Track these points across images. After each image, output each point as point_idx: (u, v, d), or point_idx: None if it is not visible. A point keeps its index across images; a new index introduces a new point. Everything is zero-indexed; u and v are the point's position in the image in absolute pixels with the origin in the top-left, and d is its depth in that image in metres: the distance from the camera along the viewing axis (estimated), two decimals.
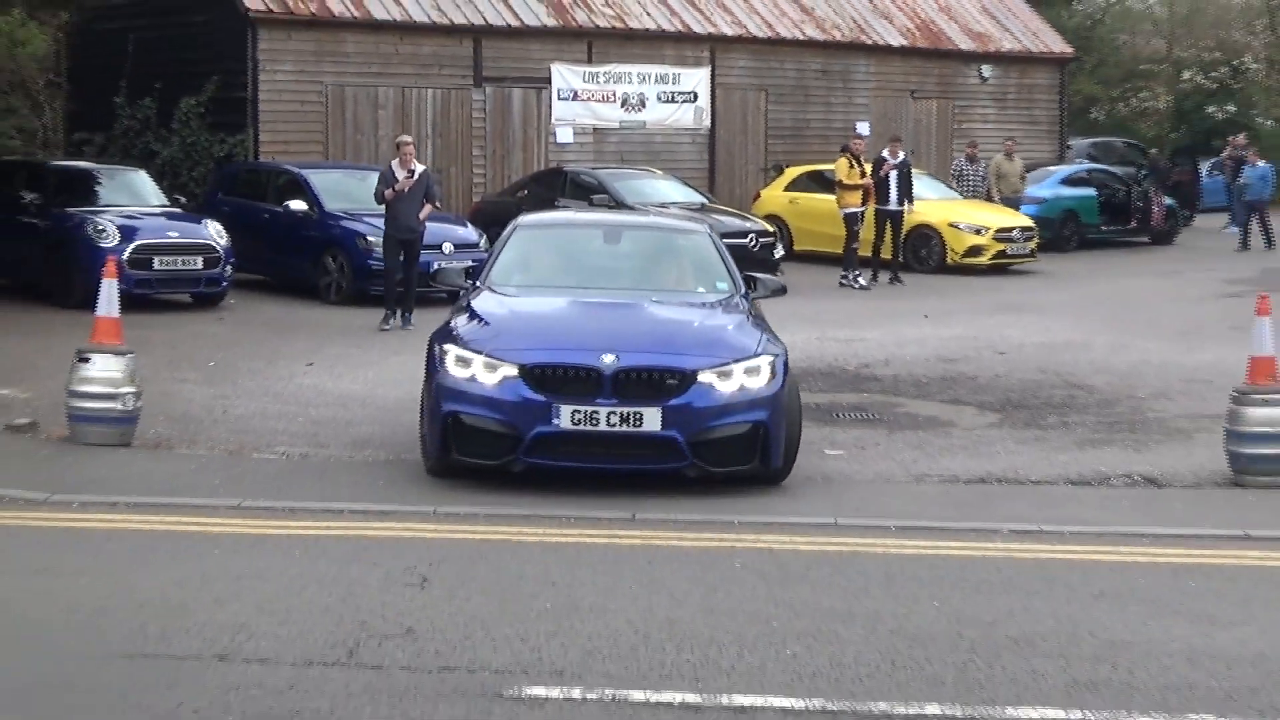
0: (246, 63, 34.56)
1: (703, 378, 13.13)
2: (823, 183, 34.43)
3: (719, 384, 13.19)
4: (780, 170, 38.69)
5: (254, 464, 15.02)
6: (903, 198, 32.36)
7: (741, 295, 15.12)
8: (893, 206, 32.21)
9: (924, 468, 15.24)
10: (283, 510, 13.09)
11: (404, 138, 25.94)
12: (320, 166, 30.75)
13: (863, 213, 31.89)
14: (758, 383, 13.33)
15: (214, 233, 26.44)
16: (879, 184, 32.04)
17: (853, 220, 31.74)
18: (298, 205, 27.70)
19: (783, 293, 16.06)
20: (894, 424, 17.25)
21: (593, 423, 12.94)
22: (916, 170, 34.31)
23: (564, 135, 38.13)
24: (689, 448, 13.06)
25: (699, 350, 13.48)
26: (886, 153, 32.78)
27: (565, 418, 12.93)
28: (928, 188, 35.30)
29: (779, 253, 31.27)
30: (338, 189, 27.31)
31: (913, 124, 42.54)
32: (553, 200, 30.20)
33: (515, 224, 16.31)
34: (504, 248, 15.71)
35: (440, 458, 13.58)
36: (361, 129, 35.53)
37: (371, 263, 26.72)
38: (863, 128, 38.70)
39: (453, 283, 15.82)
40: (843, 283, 30.60)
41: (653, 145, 38.86)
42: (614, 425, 12.94)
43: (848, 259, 31.37)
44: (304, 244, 27.78)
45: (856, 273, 31.14)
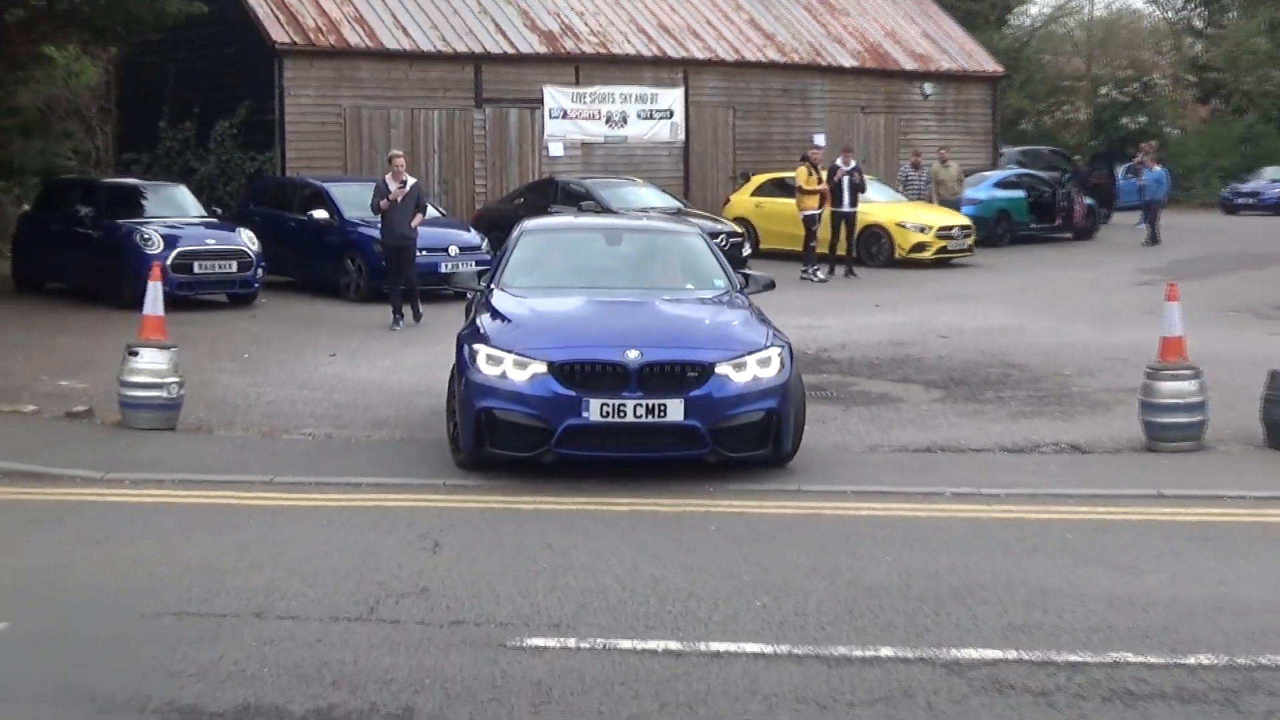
0: (273, 89, 34.65)
1: (720, 370, 12.74)
2: (785, 188, 34.39)
3: (734, 375, 12.78)
4: (747, 178, 38.66)
5: (284, 444, 15.02)
6: (854, 199, 32.39)
7: (738, 291, 14.80)
8: (846, 208, 32.25)
9: (877, 439, 15.26)
10: (310, 484, 13.14)
11: (395, 152, 25.69)
12: (340, 180, 30.72)
13: (820, 214, 31.92)
14: (769, 373, 12.95)
15: (247, 240, 26.44)
16: (834, 189, 32.09)
17: (811, 221, 31.80)
18: (320, 214, 27.70)
19: (772, 287, 15.72)
20: (850, 401, 17.26)
21: (620, 415, 12.51)
22: (867, 176, 34.31)
23: (555, 149, 38.09)
24: (709, 435, 12.64)
25: (714, 344, 13.09)
26: (840, 161, 32.77)
27: (594, 410, 12.49)
28: (877, 192, 35.26)
29: (746, 251, 31.24)
30: (355, 199, 27.14)
31: (863, 136, 42.49)
32: (546, 207, 30.13)
33: (521, 228, 15.87)
34: (513, 251, 15.24)
35: (474, 451, 13.02)
36: (376, 146, 35.44)
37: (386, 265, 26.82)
38: (819, 139, 38.60)
39: (467, 284, 15.42)
40: (803, 277, 30.56)
41: (634, 157, 38.77)
42: (640, 416, 12.52)
43: (807, 256, 31.40)
44: (326, 249, 27.73)
45: (816, 268, 31.17)
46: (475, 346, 13.12)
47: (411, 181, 24.18)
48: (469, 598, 9.61)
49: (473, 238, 28.43)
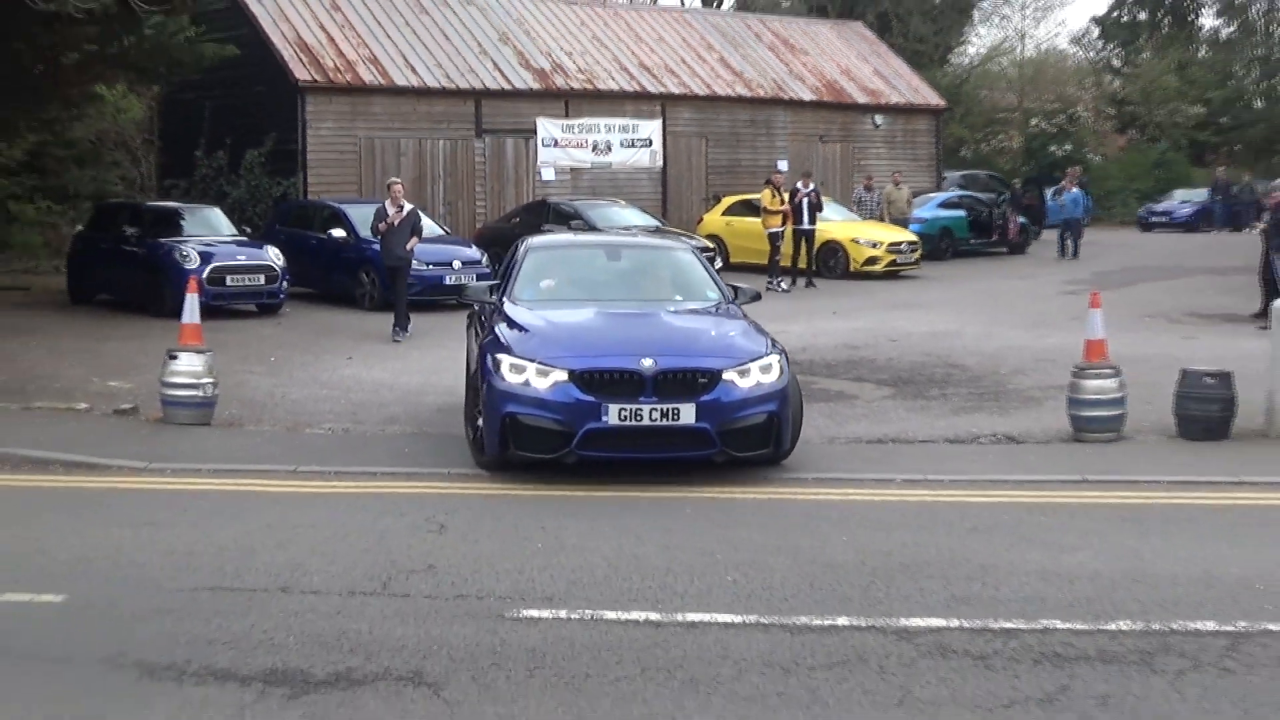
0: (296, 122, 34.71)
1: (726, 376, 12.33)
2: (752, 209, 34.39)
3: (739, 381, 12.37)
4: (718, 199, 38.63)
5: (306, 438, 15.00)
6: (813, 218, 32.39)
7: (730, 302, 14.39)
8: (806, 226, 32.28)
9: (834, 432, 15.27)
10: (329, 473, 13.11)
11: (394, 180, 25.28)
12: (355, 202, 30.54)
13: (783, 232, 31.98)
14: (770, 378, 12.55)
15: (273, 256, 26.38)
16: (795, 209, 32.10)
17: (775, 238, 31.88)
18: (338, 233, 27.59)
19: (758, 299, 15.21)
20: (810, 397, 17.18)
21: (637, 418, 12.09)
22: (824, 198, 34.35)
23: (548, 174, 38.06)
24: (718, 436, 12.25)
25: (720, 353, 12.67)
26: (800, 184, 32.81)
27: (613, 415, 12.06)
28: (833, 212, 35.27)
29: (717, 265, 31.19)
30: (370, 220, 27.02)
31: (821, 162, 42.48)
32: (539, 226, 30.00)
33: (527, 245, 15.31)
34: (522, 266, 14.69)
35: (499, 453, 12.53)
36: (387, 172, 35.14)
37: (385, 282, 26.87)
38: (782, 165, 38.65)
39: (479, 297, 15.03)
40: (769, 288, 30.47)
41: (617, 181, 38.73)
42: (655, 420, 12.12)
43: (772, 268, 31.41)
44: (343, 264, 27.64)
45: (780, 279, 31.17)
46: (498, 356, 12.63)
47: (409, 207, 23.74)
48: (471, 574, 9.61)
49: (474, 253, 28.32)
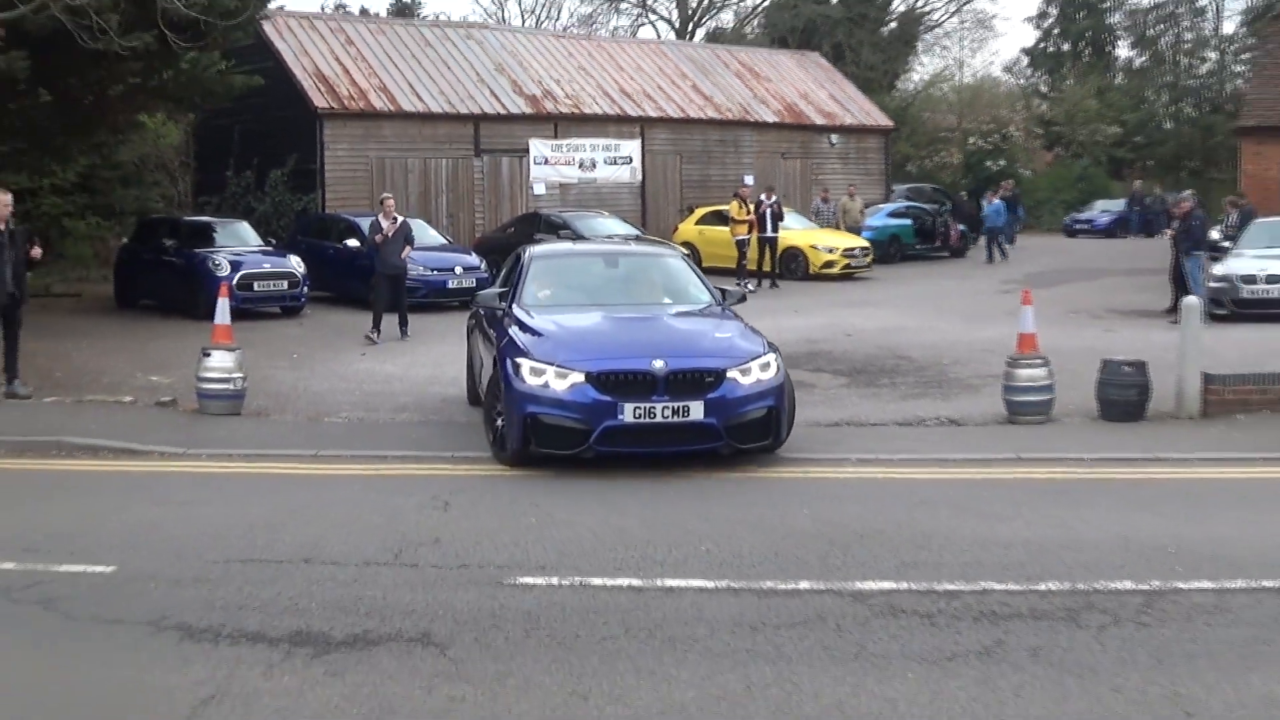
0: (315, 144, 34.75)
1: (730, 374, 12.01)
2: (721, 218, 34.28)
3: (742, 379, 12.05)
4: (691, 210, 38.55)
5: (326, 426, 14.98)
6: (775, 226, 32.42)
7: (720, 304, 14.03)
8: (769, 234, 32.28)
9: (796, 417, 15.23)
10: (346, 457, 13.11)
11: (385, 195, 24.79)
12: (368, 215, 30.18)
13: (749, 239, 31.96)
14: (768, 375, 12.25)
15: (295, 264, 26.44)
16: (760, 218, 32.12)
17: (742, 244, 31.86)
18: (353, 243, 27.41)
19: (744, 300, 14.88)
20: None
21: (650, 416, 11.78)
22: (785, 209, 34.37)
23: (539, 189, 38.03)
24: (724, 430, 11.96)
25: (723, 353, 12.35)
26: (764, 196, 32.80)
27: (628, 413, 11.74)
28: (794, 221, 35.23)
29: None
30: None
31: (783, 177, 42.46)
32: (531, 235, 29.93)
33: (531, 254, 14.81)
34: (527, 273, 14.22)
35: (521, 450, 12.14)
36: (396, 189, 35.24)
37: (407, 283, 26.65)
38: (748, 179, 38.63)
39: (489, 303, 14.68)
40: (737, 288, 30.56)
41: (601, 194, 38.69)
42: (667, 417, 11.81)
43: (740, 272, 31.35)
44: (357, 271, 27.34)
45: (746, 281, 31.10)
46: (518, 360, 12.21)
47: (400, 220, 23.17)
48: (473, 546, 9.58)
49: (474, 260, 28.34)
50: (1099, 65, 68.74)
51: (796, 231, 34.63)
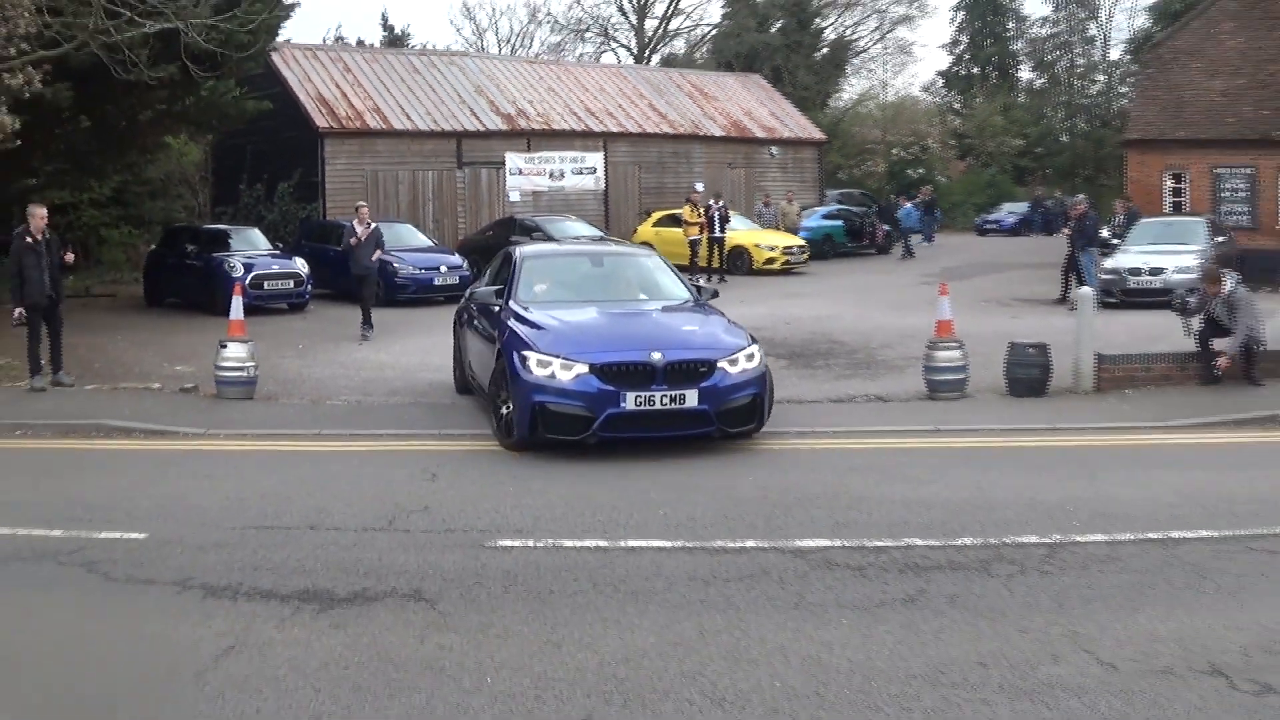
0: (317, 160, 34.60)
1: (721, 365, 11.61)
2: (675, 221, 34.22)
3: (730, 369, 11.66)
4: (649, 214, 38.42)
5: (327, 408, 14.85)
6: (723, 228, 32.43)
7: (698, 300, 13.69)
8: (717, 234, 32.25)
9: None
10: (346, 435, 13.03)
11: (360, 203, 24.08)
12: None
13: (700, 239, 31.96)
14: (752, 365, 11.87)
15: (300, 265, 26.26)
16: (709, 221, 32.13)
17: (694, 244, 31.80)
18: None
19: (716, 296, 14.49)
20: None
21: (650, 404, 11.34)
22: (732, 212, 34.35)
23: (514, 197, 37.87)
24: (716, 416, 11.57)
25: (713, 345, 11.91)
26: (713, 201, 32.80)
27: (630, 401, 11.30)
28: (739, 223, 35.12)
29: None
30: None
31: (730, 184, 42.42)
32: (508, 237, 29.69)
33: (522, 254, 14.23)
34: (521, 273, 13.63)
35: (528, 437, 11.62)
36: (388, 198, 35.40)
37: (398, 281, 26.66)
38: (699, 186, 38.36)
39: (487, 300, 13.64)
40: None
41: (569, 201, 38.56)
42: (665, 405, 11.37)
43: (691, 269, 31.21)
44: None
45: (697, 277, 30.95)
46: (524, 353, 11.71)
47: (373, 226, 22.43)
48: (458, 513, 9.54)
49: (457, 260, 28.19)
50: (1004, 86, 68.90)
51: (741, 232, 34.58)
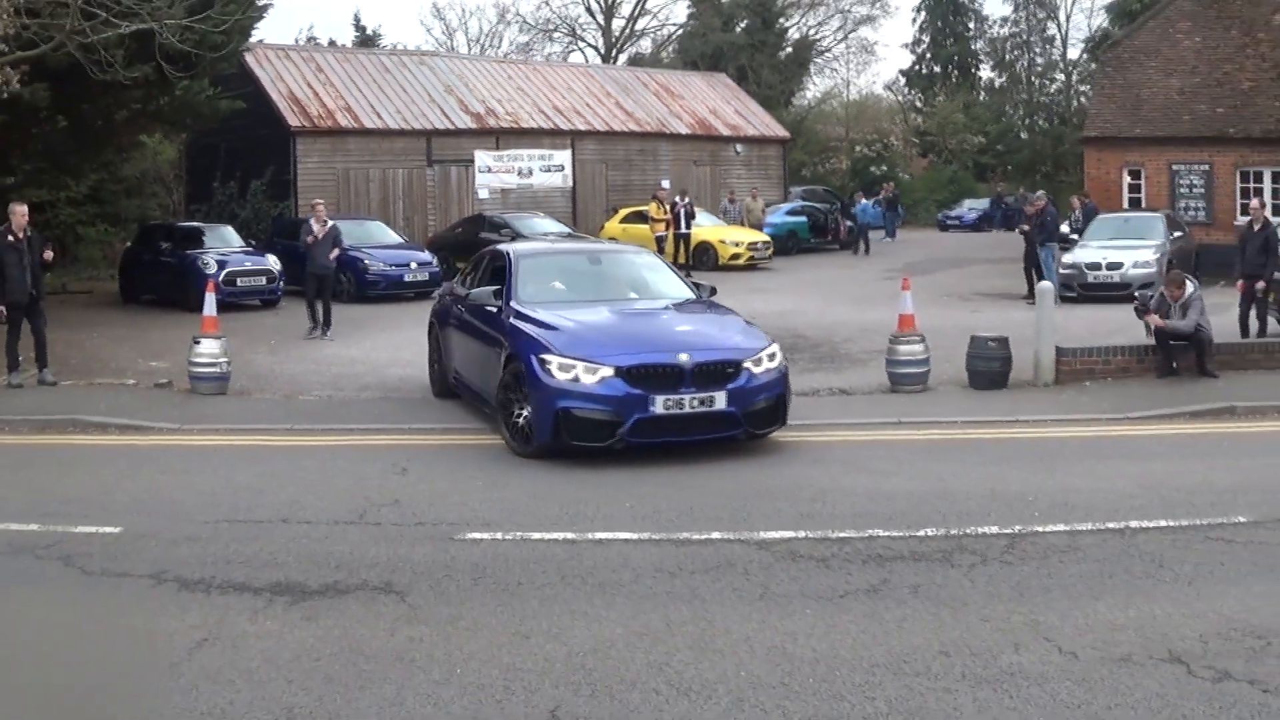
0: (290, 158, 34.46)
1: (746, 365, 11.13)
2: (642, 218, 34.30)
3: (755, 370, 11.17)
4: (616, 210, 38.40)
5: (300, 403, 14.76)
6: (689, 224, 32.44)
7: (700, 298, 13.06)
8: (683, 230, 32.44)
9: None
10: (318, 430, 12.94)
11: (317, 201, 23.38)
12: (335, 219, 30.12)
13: (666, 235, 32.12)
14: (774, 365, 11.41)
15: (272, 262, 26.14)
16: (675, 217, 32.32)
17: (660, 240, 31.91)
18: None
19: (714, 293, 13.70)
20: None
21: (679, 407, 10.81)
22: (697, 209, 34.38)
23: (483, 194, 37.74)
24: (743, 418, 11.08)
25: (736, 345, 11.41)
26: (679, 198, 32.96)
27: (659, 405, 10.72)
28: (705, 219, 35.22)
29: None
30: (346, 232, 26.39)
31: (695, 181, 42.40)
32: (478, 234, 29.82)
33: (516, 254, 13.30)
34: (518, 273, 12.76)
35: (550, 443, 10.94)
36: (359, 196, 35.32)
37: (369, 278, 26.59)
38: (665, 183, 38.45)
39: (484, 301, 12.77)
40: None
41: (537, 198, 38.41)
42: (694, 407, 10.84)
43: None
44: None
45: None
46: (544, 356, 11.04)
47: (330, 224, 21.57)
48: (428, 506, 9.51)
49: (427, 257, 28.15)
50: (965, 85, 69.17)
51: (707, 228, 34.61)
